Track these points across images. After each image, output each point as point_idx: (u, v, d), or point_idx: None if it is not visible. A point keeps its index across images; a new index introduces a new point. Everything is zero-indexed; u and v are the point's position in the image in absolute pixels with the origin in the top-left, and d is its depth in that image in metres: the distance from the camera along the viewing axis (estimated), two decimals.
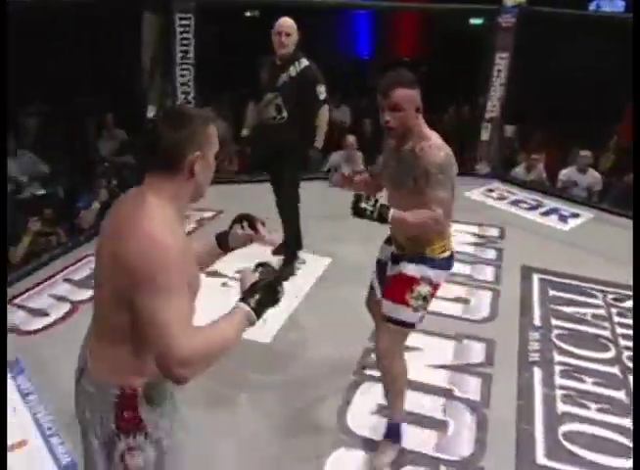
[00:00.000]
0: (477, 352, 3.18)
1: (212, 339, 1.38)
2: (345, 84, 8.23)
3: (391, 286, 2.37)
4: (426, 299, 2.31)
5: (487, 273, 4.03)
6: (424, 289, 2.28)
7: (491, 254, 4.31)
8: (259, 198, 5.08)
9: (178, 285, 1.33)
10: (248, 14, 10.28)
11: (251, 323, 1.47)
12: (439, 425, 2.67)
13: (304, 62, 3.64)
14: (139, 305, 1.32)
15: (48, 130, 6.08)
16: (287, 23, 3.66)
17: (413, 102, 2.16)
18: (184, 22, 5.20)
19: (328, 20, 9.65)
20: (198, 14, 5.19)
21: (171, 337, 1.28)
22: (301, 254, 4.12)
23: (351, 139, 5.96)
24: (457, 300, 3.68)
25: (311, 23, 8.49)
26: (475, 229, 4.67)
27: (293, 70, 3.63)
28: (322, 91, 3.65)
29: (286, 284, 1.58)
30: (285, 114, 3.66)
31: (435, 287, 2.34)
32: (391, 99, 2.14)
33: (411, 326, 2.36)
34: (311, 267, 4.02)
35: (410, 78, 2.20)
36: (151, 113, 5.53)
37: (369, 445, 2.53)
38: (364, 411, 2.73)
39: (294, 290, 3.71)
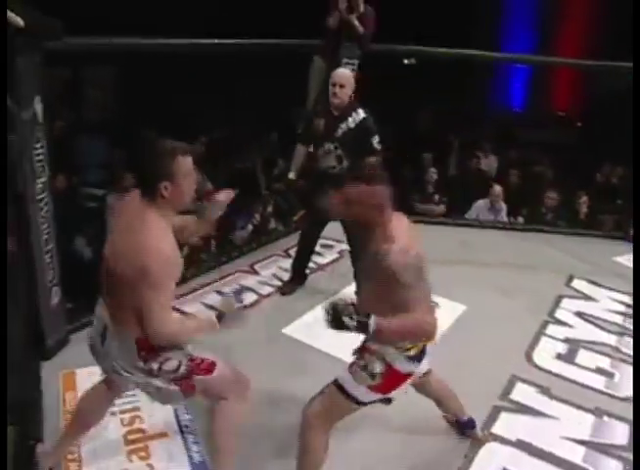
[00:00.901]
0: (619, 433, 2.82)
1: (183, 329, 2.00)
2: (496, 135, 8.01)
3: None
4: (374, 377, 2.04)
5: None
6: (374, 364, 2.05)
7: None
8: None
9: (168, 284, 1.86)
10: (406, 61, 10.40)
11: (213, 327, 2.03)
12: None
13: (361, 113, 3.58)
14: (141, 294, 1.82)
15: (219, 154, 6.46)
16: (342, 74, 3.65)
17: (368, 200, 1.98)
18: (349, 66, 5.31)
19: (483, 71, 9.50)
20: (362, 60, 5.29)
21: (157, 321, 1.85)
22: (436, 297, 3.96)
23: (498, 189, 5.77)
24: (598, 370, 3.33)
25: (467, 74, 8.47)
26: (625, 298, 4.24)
27: (351, 122, 3.57)
28: (376, 141, 3.59)
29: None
30: (345, 163, 3.61)
31: (396, 375, 2.07)
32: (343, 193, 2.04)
33: (350, 399, 2.09)
34: (446, 312, 3.84)
35: (369, 175, 2.03)
36: (310, 148, 5.70)
37: None
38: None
39: None
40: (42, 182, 2.98)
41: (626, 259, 5.00)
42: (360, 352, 2.15)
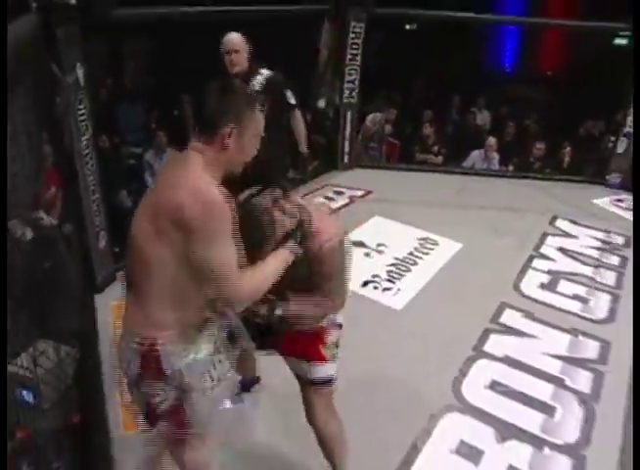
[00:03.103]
0: (591, 350, 2.85)
1: (260, 279, 1.40)
2: (489, 92, 7.79)
3: (297, 344, 1.73)
4: (337, 345, 1.75)
5: (609, 278, 3.60)
6: (334, 336, 1.74)
7: (615, 260, 3.84)
8: (404, 183, 5.05)
9: (228, 232, 1.29)
10: (407, 26, 10.04)
11: (294, 253, 1.49)
12: (547, 409, 2.44)
13: (265, 72, 2.99)
14: (196, 255, 1.28)
15: None
16: (233, 40, 2.94)
17: None
18: (357, 29, 5.14)
19: (478, 33, 9.16)
20: (368, 23, 5.13)
21: (231, 283, 1.31)
22: (435, 236, 3.98)
23: (493, 141, 5.63)
24: (576, 297, 3.33)
25: (463, 36, 8.17)
26: (600, 235, 4.20)
27: (256, 84, 2.95)
28: (290, 95, 3.07)
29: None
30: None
31: (341, 327, 1.77)
32: None
33: (333, 382, 1.77)
34: (444, 249, 3.85)
35: None
36: (321, 103, 5.59)
37: (479, 414, 2.37)
38: (478, 384, 2.56)
39: (428, 265, 3.60)
40: (86, 139, 2.97)
41: (603, 202, 4.94)
42: (315, 340, 1.73)
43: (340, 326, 1.76)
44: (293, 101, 3.07)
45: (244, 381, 2.22)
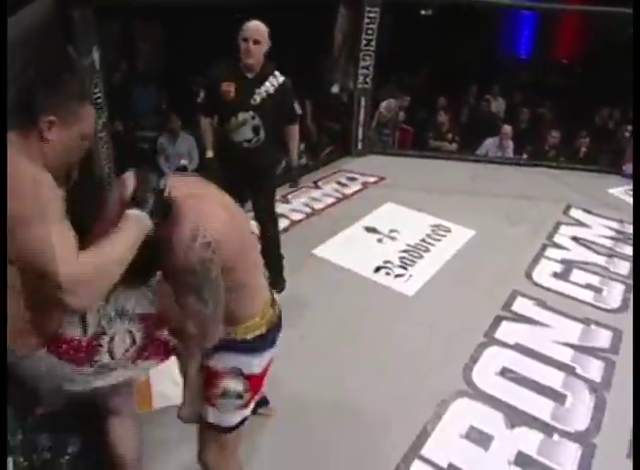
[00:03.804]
0: (603, 339, 2.82)
1: (100, 263, 1.08)
2: (504, 79, 7.68)
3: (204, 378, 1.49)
4: (241, 396, 1.42)
5: (623, 267, 3.56)
6: (232, 385, 1.41)
7: (629, 249, 3.80)
8: (417, 169, 5.02)
9: (54, 213, 1.05)
10: (423, 12, 9.91)
11: (144, 223, 1.15)
12: (557, 396, 2.43)
13: (280, 76, 2.68)
14: (19, 245, 1.05)
15: None
16: (256, 27, 2.59)
17: None
18: (372, 14, 5.08)
19: (494, 19, 9.02)
20: (383, 8, 5.06)
21: (54, 264, 1.02)
22: (448, 223, 3.96)
23: (508, 129, 5.57)
24: (589, 287, 3.30)
25: (478, 22, 8.05)
26: (615, 224, 4.15)
27: (270, 87, 2.65)
28: (297, 108, 2.90)
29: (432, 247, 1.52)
30: (262, 135, 2.67)
31: (256, 378, 1.44)
32: None
33: (229, 430, 1.48)
34: (457, 236, 3.82)
35: None
36: (335, 89, 5.55)
37: (489, 400, 2.37)
38: (489, 370, 2.56)
39: (440, 252, 3.59)
40: (101, 122, 2.98)
41: (618, 192, 4.86)
42: (207, 380, 1.45)
43: (244, 377, 1.41)
44: (299, 112, 2.91)
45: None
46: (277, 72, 2.68)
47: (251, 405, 1.49)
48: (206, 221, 1.19)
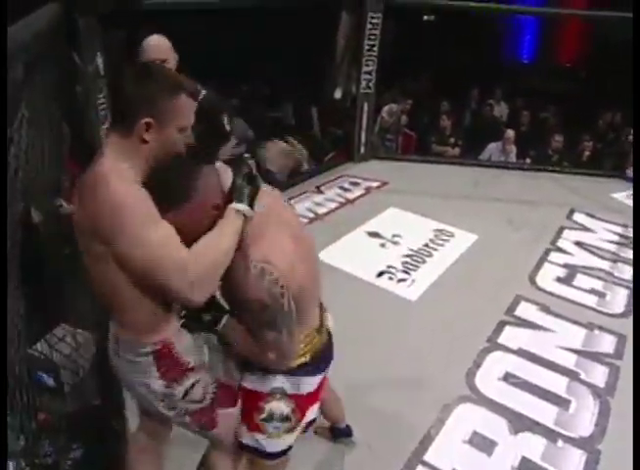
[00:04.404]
0: (607, 344, 2.81)
1: (210, 254, 1.14)
2: (506, 84, 7.68)
3: (243, 400, 1.44)
4: (288, 418, 1.39)
5: (626, 272, 3.54)
6: (278, 406, 1.38)
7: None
8: (420, 174, 5.02)
9: (151, 219, 1.10)
10: (425, 17, 9.93)
11: (246, 215, 1.18)
12: (561, 402, 2.42)
13: (201, 90, 2.31)
14: (125, 262, 1.12)
15: (255, 104, 6.36)
16: (159, 46, 2.29)
17: None
18: (374, 20, 5.09)
19: (496, 24, 9.04)
20: (385, 14, 5.07)
21: (170, 269, 1.10)
22: (450, 228, 3.95)
23: (511, 133, 5.56)
24: (593, 291, 3.29)
25: (481, 27, 8.07)
26: (619, 229, 4.13)
27: None
28: (227, 122, 2.45)
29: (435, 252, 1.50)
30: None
31: (303, 400, 1.41)
32: None
33: (272, 457, 1.44)
34: (460, 240, 3.82)
35: None
36: (337, 94, 5.56)
37: (492, 406, 2.36)
38: (492, 376, 2.55)
39: (443, 257, 3.59)
40: (106, 128, 2.99)
41: (622, 196, 4.84)
42: (248, 403, 1.43)
43: (289, 397, 1.39)
44: (228, 127, 2.45)
45: (336, 429, 2.07)
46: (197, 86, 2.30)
47: (298, 430, 1.44)
48: (272, 252, 1.18)
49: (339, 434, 2.08)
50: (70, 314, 2.15)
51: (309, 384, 1.40)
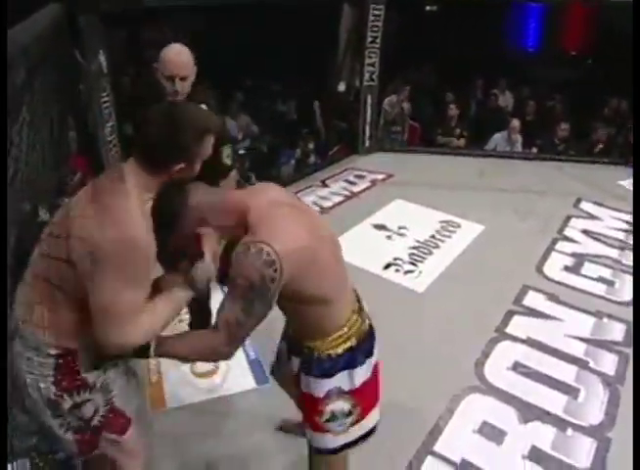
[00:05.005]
0: (616, 332, 2.79)
1: (149, 325, 1.20)
2: (511, 73, 7.61)
3: (302, 403, 1.50)
4: (350, 413, 1.42)
5: None
6: (338, 406, 1.40)
7: None
8: (425, 166, 5.00)
9: (133, 278, 1.15)
10: (427, 8, 9.85)
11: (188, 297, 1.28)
12: (570, 391, 2.41)
13: (210, 99, 2.18)
14: (96, 287, 1.15)
15: (261, 99, 6.36)
16: (181, 62, 2.02)
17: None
18: (376, 12, 5.06)
19: (500, 13, 8.93)
20: (388, 5, 5.04)
21: (108, 332, 1.17)
22: (457, 219, 3.94)
23: (516, 123, 5.51)
24: (601, 280, 3.27)
25: (482, 15, 7.98)
26: (626, 217, 4.09)
27: None
28: (226, 154, 2.19)
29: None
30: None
31: (360, 392, 1.42)
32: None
33: (339, 450, 1.48)
34: (466, 231, 3.81)
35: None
36: (341, 87, 5.54)
37: (501, 395, 2.36)
38: (501, 365, 2.54)
39: (450, 248, 3.57)
40: (110, 126, 3.00)
41: (629, 183, 4.79)
42: (308, 406, 1.45)
43: (347, 394, 1.40)
44: (228, 161, 2.21)
45: None
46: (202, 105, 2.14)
47: (370, 416, 1.47)
48: (276, 239, 1.17)
49: None
50: None
51: (361, 374, 1.41)
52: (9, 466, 1.26)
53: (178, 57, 2.04)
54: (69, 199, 1.30)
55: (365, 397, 1.43)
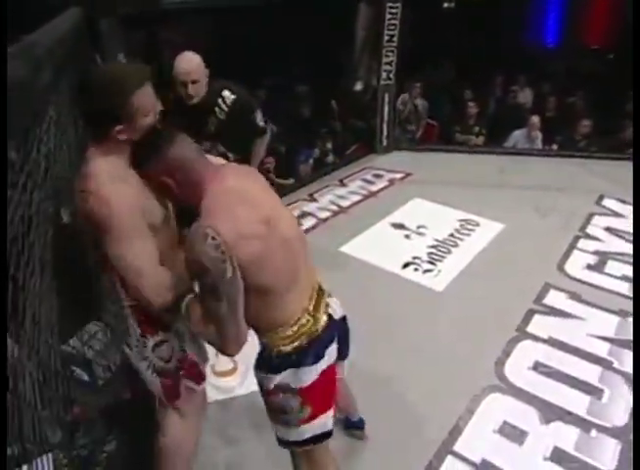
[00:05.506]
0: None
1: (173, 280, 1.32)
2: (530, 69, 7.51)
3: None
4: (301, 410, 1.40)
5: None
6: (287, 401, 1.40)
7: None
8: (444, 164, 4.97)
9: (135, 228, 1.27)
10: (445, 5, 9.78)
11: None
12: (594, 391, 2.37)
13: (228, 94, 2.48)
14: (110, 255, 1.29)
15: (280, 99, 6.38)
16: (191, 68, 2.37)
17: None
18: (393, 10, 5.04)
19: (518, 8, 8.82)
20: (404, 3, 5.02)
21: (145, 281, 1.30)
22: (476, 217, 3.91)
23: (535, 119, 5.44)
24: (625, 278, 3.20)
25: (500, 9, 7.90)
26: None
27: (220, 112, 2.49)
28: (259, 118, 2.60)
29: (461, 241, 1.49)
30: (231, 156, 2.57)
31: (309, 391, 1.39)
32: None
33: (303, 444, 1.48)
34: (485, 230, 3.77)
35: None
36: (358, 86, 5.54)
37: (522, 395, 2.33)
38: (522, 365, 2.51)
39: (469, 246, 3.55)
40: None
41: None
42: (262, 394, 1.48)
43: (294, 391, 1.39)
44: (262, 123, 2.62)
45: (347, 421, 2.08)
46: (226, 92, 2.49)
47: (322, 419, 1.45)
48: (221, 221, 1.20)
49: (350, 425, 2.08)
50: (102, 311, 2.20)
51: (310, 374, 1.39)
52: (33, 462, 1.28)
53: (187, 64, 2.34)
54: None
55: (315, 398, 1.42)
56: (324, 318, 1.42)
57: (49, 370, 1.35)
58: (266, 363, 1.39)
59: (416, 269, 3.30)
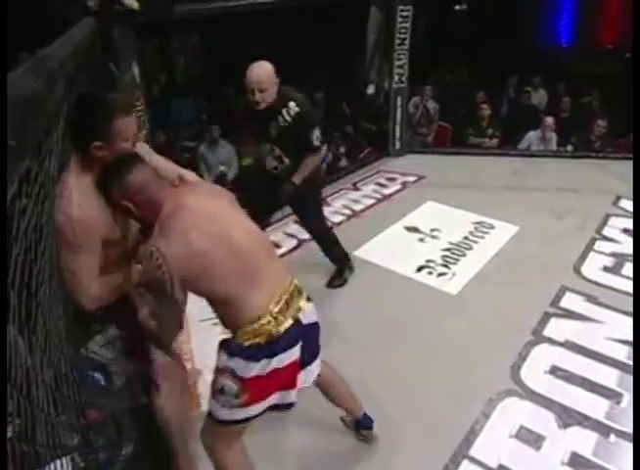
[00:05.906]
0: None
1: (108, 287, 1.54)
2: (544, 70, 7.46)
3: None
4: (237, 396, 1.49)
5: None
6: (228, 383, 1.49)
7: None
8: (457, 167, 4.95)
9: (86, 244, 1.43)
10: (457, 7, 9.76)
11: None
12: (612, 395, 2.34)
13: (294, 106, 2.63)
14: (61, 261, 1.42)
15: None
16: (258, 76, 2.55)
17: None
18: (404, 13, 5.05)
19: (531, 8, 8.77)
20: (416, 6, 5.02)
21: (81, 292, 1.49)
22: (490, 220, 3.89)
23: (550, 120, 5.40)
24: None
25: (513, 10, 7.85)
26: None
27: (283, 120, 2.63)
28: (316, 136, 2.69)
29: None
30: (286, 160, 2.76)
31: (250, 382, 1.47)
32: None
33: (223, 423, 1.57)
34: (500, 232, 3.75)
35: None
36: (370, 90, 5.54)
37: (539, 399, 2.31)
38: (538, 369, 2.49)
39: (483, 249, 3.53)
40: (144, 134, 3.08)
41: None
42: (215, 371, 1.57)
43: (235, 375, 1.48)
44: (317, 142, 2.71)
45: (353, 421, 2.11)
46: (292, 103, 2.64)
47: (254, 408, 1.53)
48: (168, 241, 1.35)
49: (358, 426, 2.09)
50: (120, 317, 2.23)
51: (256, 369, 1.46)
52: (52, 465, 1.31)
53: (255, 73, 2.54)
54: None
55: (255, 390, 1.50)
56: (288, 321, 1.49)
57: (63, 375, 1.38)
58: (227, 345, 1.50)
59: (430, 273, 3.29)
